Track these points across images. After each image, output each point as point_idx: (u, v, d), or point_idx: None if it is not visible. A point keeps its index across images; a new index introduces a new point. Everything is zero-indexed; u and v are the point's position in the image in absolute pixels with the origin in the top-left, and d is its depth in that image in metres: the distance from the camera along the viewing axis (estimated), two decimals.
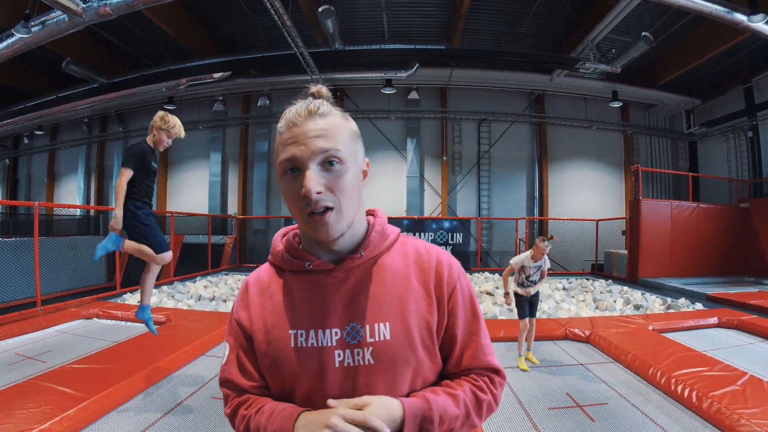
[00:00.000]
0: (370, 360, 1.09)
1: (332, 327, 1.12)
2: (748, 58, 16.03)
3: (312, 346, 1.11)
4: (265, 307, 1.19)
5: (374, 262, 1.19)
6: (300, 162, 1.05)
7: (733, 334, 7.45)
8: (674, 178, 20.37)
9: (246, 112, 20.27)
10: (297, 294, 1.17)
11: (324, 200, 1.04)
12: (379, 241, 1.21)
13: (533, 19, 14.94)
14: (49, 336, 6.93)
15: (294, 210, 1.09)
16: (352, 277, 1.16)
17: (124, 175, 4.08)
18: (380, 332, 1.11)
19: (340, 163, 1.07)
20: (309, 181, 1.02)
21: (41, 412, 3.61)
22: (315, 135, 1.05)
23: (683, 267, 13.51)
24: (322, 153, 1.04)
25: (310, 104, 1.11)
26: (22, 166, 25.30)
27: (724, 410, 3.92)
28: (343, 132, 1.11)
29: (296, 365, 1.10)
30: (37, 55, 15.12)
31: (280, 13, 11.32)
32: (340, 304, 1.13)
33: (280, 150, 1.09)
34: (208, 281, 12.46)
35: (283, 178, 1.09)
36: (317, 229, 1.07)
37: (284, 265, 1.23)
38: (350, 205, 1.10)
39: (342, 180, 1.07)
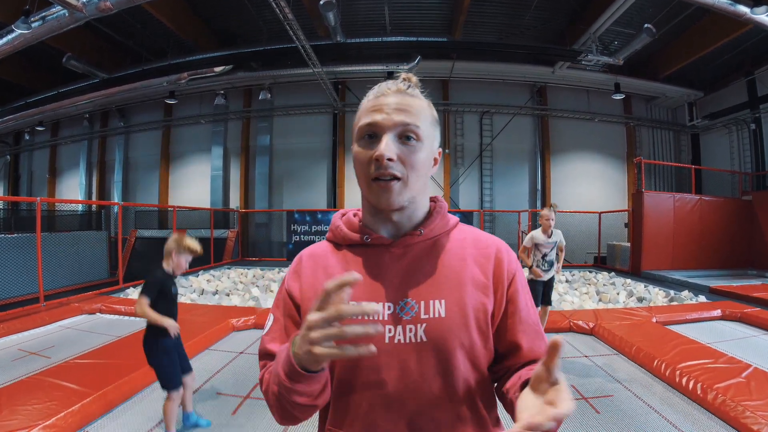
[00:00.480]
0: (422, 337, 1.07)
1: (386, 301, 1.10)
2: (750, 50, 15.95)
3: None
4: (317, 278, 1.18)
5: (433, 242, 1.19)
6: (379, 128, 1.07)
7: (737, 327, 7.45)
8: (677, 171, 20.30)
9: (248, 105, 20.23)
10: (353, 267, 1.16)
11: (393, 168, 1.05)
12: (439, 223, 1.21)
13: (535, 11, 14.88)
14: (53, 331, 6.96)
15: (361, 174, 1.11)
16: (410, 254, 1.16)
17: (139, 305, 3.76)
18: (435, 309, 1.09)
19: (417, 140, 1.09)
20: (384, 145, 1.04)
21: (46, 408, 3.62)
22: (398, 108, 1.08)
23: (686, 259, 13.49)
24: (402, 125, 1.07)
25: (399, 83, 1.15)
26: (23, 162, 25.31)
27: (729, 402, 3.93)
28: (426, 114, 1.14)
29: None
30: (38, 51, 15.08)
31: (282, 5, 11.27)
32: (396, 279, 1.13)
33: (362, 116, 1.12)
34: (210, 275, 12.50)
35: (359, 143, 1.12)
36: (380, 194, 1.08)
37: (342, 239, 1.23)
38: (416, 182, 1.11)
39: (415, 155, 1.08)
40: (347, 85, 19.22)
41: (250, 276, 12.59)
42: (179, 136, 21.00)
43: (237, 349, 6.04)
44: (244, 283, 11.53)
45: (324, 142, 19.52)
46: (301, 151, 19.62)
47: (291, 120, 19.78)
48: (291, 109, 19.55)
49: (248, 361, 5.53)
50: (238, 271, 13.38)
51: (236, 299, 9.31)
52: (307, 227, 16.48)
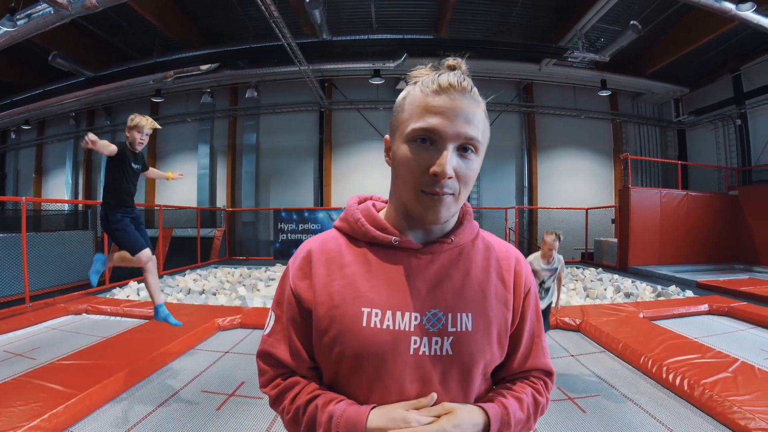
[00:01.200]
0: (448, 350, 1.03)
1: (412, 311, 1.04)
2: (736, 46, 16.08)
3: (387, 328, 1.02)
4: (332, 279, 1.09)
5: (460, 250, 1.14)
6: (441, 137, 0.97)
7: (724, 321, 7.49)
8: (663, 167, 20.44)
9: (234, 104, 20.16)
10: (375, 269, 1.09)
11: (450, 186, 0.98)
12: (468, 231, 1.16)
13: (522, 8, 14.90)
14: (38, 332, 6.87)
15: (408, 182, 1.01)
16: (438, 262, 1.10)
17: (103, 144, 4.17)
18: (462, 323, 1.05)
19: (475, 152, 1.01)
20: (447, 161, 0.95)
21: (30, 410, 3.57)
22: (465, 117, 0.98)
23: (673, 255, 13.59)
24: (465, 139, 0.98)
25: (463, 80, 1.02)
26: (9, 161, 25.11)
27: (716, 397, 3.92)
28: (486, 124, 1.05)
29: (364, 347, 1.01)
30: (24, 49, 14.93)
31: (267, 3, 11.23)
32: (424, 287, 1.07)
33: (418, 113, 1.00)
34: (197, 274, 12.43)
35: (409, 144, 1.00)
36: (428, 208, 0.99)
37: (362, 235, 1.14)
38: (466, 195, 1.04)
39: (471, 170, 1.01)
40: (334, 82, 19.18)
41: (236, 275, 12.52)
42: (165, 135, 20.83)
43: (223, 348, 6.00)
44: (231, 282, 11.46)
45: (311, 140, 19.46)
46: (287, 150, 19.57)
47: (278, 118, 19.74)
48: (278, 107, 19.50)
49: (234, 360, 5.47)
50: (224, 270, 13.31)
51: (223, 298, 9.26)
52: (294, 226, 16.41)
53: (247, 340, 6.43)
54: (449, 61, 1.08)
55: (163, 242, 13.74)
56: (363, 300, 1.05)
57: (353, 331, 1.02)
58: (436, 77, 1.01)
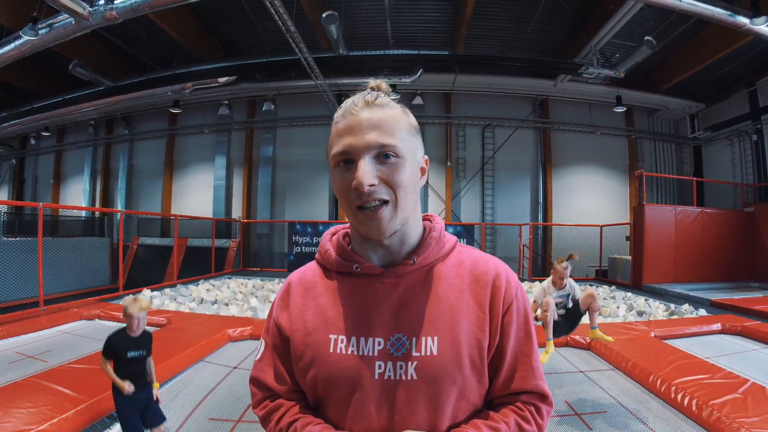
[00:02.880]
0: (413, 375, 1.02)
1: (376, 336, 1.05)
2: (751, 61, 15.97)
3: (352, 353, 1.04)
4: (307, 308, 1.13)
5: (428, 270, 1.13)
6: (353, 153, 1.00)
7: (737, 341, 7.42)
8: (679, 183, 20.27)
9: (251, 116, 20.32)
10: (342, 297, 1.11)
11: (378, 193, 0.99)
12: (434, 248, 1.14)
13: (536, 24, 14.94)
14: (51, 336, 7.00)
15: (344, 204, 1.05)
16: (402, 285, 1.10)
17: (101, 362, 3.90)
18: (427, 346, 1.03)
19: (396, 157, 1.02)
20: (361, 172, 0.97)
21: (40, 412, 3.66)
22: (371, 127, 1.01)
23: (688, 272, 13.45)
24: (377, 147, 1.00)
25: (367, 95, 1.07)
26: (28, 166, 25.46)
27: (724, 419, 3.89)
28: (402, 125, 1.06)
29: (332, 372, 1.04)
30: (45, 57, 15.15)
31: (284, 18, 11.33)
32: (387, 312, 1.07)
33: (335, 141, 1.06)
34: (210, 284, 12.50)
35: (336, 170, 1.05)
36: (368, 224, 1.02)
37: (331, 265, 1.17)
38: (406, 200, 1.04)
39: (398, 173, 1.01)
40: (350, 97, 19.22)
41: (249, 286, 12.59)
42: (183, 145, 21.08)
43: (232, 363, 6.00)
44: (244, 293, 11.53)
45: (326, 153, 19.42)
46: (303, 163, 19.64)
47: (294, 131, 19.84)
48: (294, 120, 19.62)
49: (242, 378, 5.48)
50: (238, 281, 13.37)
51: (234, 309, 9.31)
52: (308, 239, 16.45)
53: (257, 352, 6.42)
54: (370, 83, 1.14)
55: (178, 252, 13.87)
56: (331, 327, 1.09)
57: (322, 357, 1.06)
58: (344, 103, 1.09)
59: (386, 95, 1.11)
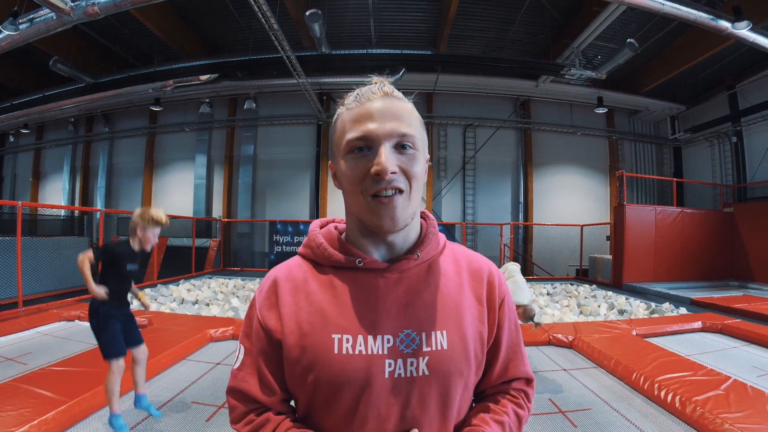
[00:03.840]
0: (425, 371, 1.00)
1: (384, 333, 1.02)
2: (732, 64, 16.24)
3: (360, 353, 0.99)
4: (300, 308, 1.05)
5: (428, 265, 1.11)
6: (373, 139, 0.97)
7: (717, 338, 7.49)
8: (659, 184, 20.53)
9: (232, 114, 20.17)
10: (342, 294, 1.06)
11: (396, 181, 0.97)
12: (433, 244, 1.14)
13: (520, 25, 15.03)
14: (30, 337, 6.87)
15: (356, 192, 1.00)
16: (406, 280, 1.07)
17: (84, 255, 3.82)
18: (437, 341, 1.02)
19: (413, 148, 1.01)
20: (385, 158, 0.95)
21: (20, 415, 3.59)
22: (392, 115, 0.99)
23: (668, 272, 13.58)
24: (399, 135, 0.99)
25: (384, 86, 1.05)
26: (7, 164, 25.02)
27: (708, 415, 3.91)
28: (416, 119, 1.06)
29: (338, 374, 0.98)
30: (25, 53, 15.02)
31: (267, 16, 11.25)
32: (394, 308, 1.04)
33: (349, 126, 1.01)
34: (191, 284, 12.40)
35: (348, 156, 1.00)
36: (382, 213, 0.98)
37: (325, 260, 1.11)
38: (418, 194, 1.03)
39: (415, 165, 1.01)
40: (332, 96, 19.18)
41: (230, 286, 12.50)
42: (164, 144, 20.87)
43: (214, 359, 5.96)
44: (225, 293, 11.43)
45: (308, 152, 19.48)
46: (284, 162, 19.58)
47: (275, 130, 19.75)
48: (276, 119, 19.52)
49: (224, 372, 5.45)
50: (218, 281, 13.27)
51: (216, 309, 9.23)
52: (289, 238, 16.36)
53: None
54: (374, 79, 1.10)
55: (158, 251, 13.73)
56: (332, 327, 1.02)
57: (325, 359, 0.99)
58: (358, 91, 1.05)
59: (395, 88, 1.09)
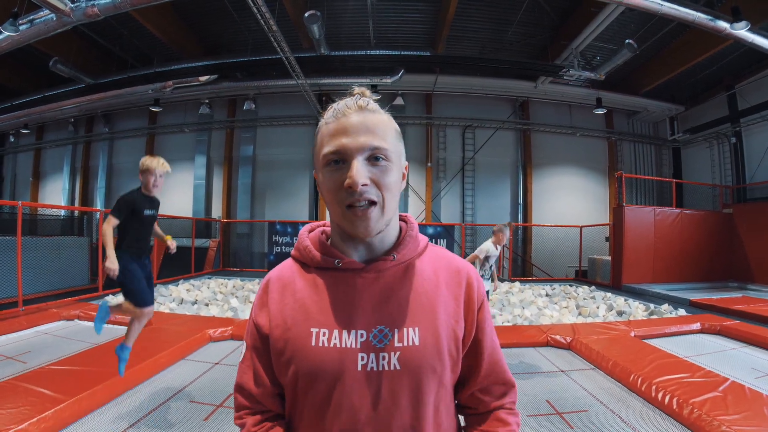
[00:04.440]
0: (396, 365, 1.05)
1: (358, 328, 1.07)
2: (731, 65, 16.24)
3: (334, 346, 1.06)
4: (285, 304, 1.14)
5: (405, 266, 1.16)
6: (347, 153, 1.03)
7: (716, 340, 7.46)
8: (658, 185, 20.53)
9: (232, 115, 20.17)
10: (322, 292, 1.13)
11: (368, 193, 1.02)
12: (411, 246, 1.18)
13: (518, 26, 15.03)
14: (30, 336, 6.87)
15: (333, 202, 1.07)
16: (383, 279, 1.13)
17: (108, 222, 4.20)
18: (409, 337, 1.07)
19: (386, 160, 1.05)
20: (356, 172, 1.00)
21: (19, 413, 3.60)
22: (365, 129, 1.04)
23: (667, 273, 13.57)
24: (370, 149, 1.03)
25: (359, 100, 1.10)
26: (7, 164, 25.02)
27: (705, 417, 3.90)
28: (391, 130, 1.10)
29: (314, 365, 1.05)
30: (25, 54, 15.03)
31: (266, 17, 11.25)
32: (369, 305, 1.10)
33: (326, 141, 1.07)
34: (190, 284, 12.40)
35: (325, 169, 1.07)
36: (356, 223, 1.04)
37: (310, 261, 1.19)
38: (392, 203, 1.08)
39: (387, 176, 1.05)
40: (331, 97, 19.09)
41: (229, 286, 12.50)
42: (163, 144, 20.85)
43: (213, 359, 5.97)
44: (224, 293, 11.43)
45: (307, 153, 19.46)
46: (284, 162, 19.58)
47: (275, 131, 19.75)
48: (275, 120, 19.54)
49: (224, 372, 5.45)
50: (218, 281, 13.27)
51: (215, 309, 9.23)
52: (288, 238, 16.35)
53: (237, 351, 6.37)
54: (354, 90, 1.17)
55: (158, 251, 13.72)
56: (312, 321, 1.10)
57: (303, 350, 1.07)
58: (335, 106, 1.11)
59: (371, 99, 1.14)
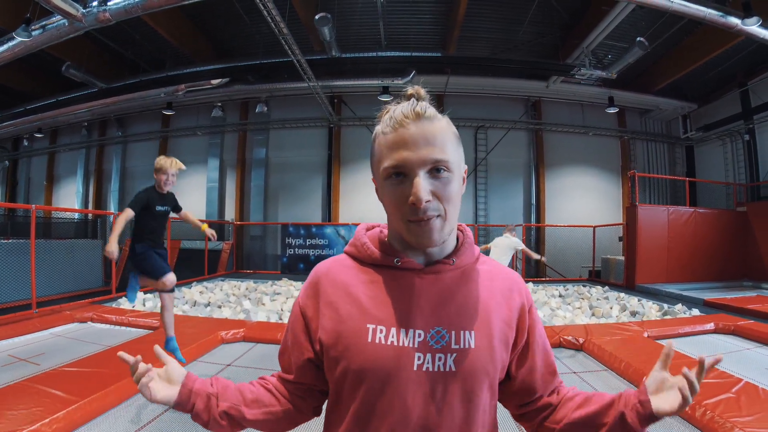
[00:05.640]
0: (452, 366, 1.06)
1: (416, 328, 1.08)
2: (743, 61, 16.05)
3: (392, 344, 1.06)
4: (339, 297, 1.15)
5: (462, 271, 1.17)
6: (408, 168, 1.02)
7: (730, 340, 7.41)
8: (671, 183, 20.36)
9: (244, 118, 20.26)
10: (380, 288, 1.14)
11: (431, 209, 1.02)
12: (469, 253, 1.20)
13: (529, 25, 14.98)
14: (44, 338, 6.93)
15: (396, 215, 1.07)
16: (441, 282, 1.13)
17: (124, 213, 4.77)
18: (465, 340, 1.08)
19: (448, 171, 1.04)
20: (420, 189, 1.00)
21: (31, 414, 3.64)
22: (425, 141, 1.02)
23: (681, 272, 13.47)
24: (432, 163, 1.02)
25: (416, 106, 1.07)
26: (21, 168, 25.30)
27: (718, 419, 3.88)
28: (451, 138, 1.09)
29: (369, 361, 1.05)
30: (38, 59, 15.17)
31: (277, 20, 11.31)
32: (427, 306, 1.10)
33: (386, 153, 1.06)
34: (203, 287, 12.45)
35: (386, 182, 1.07)
36: (420, 234, 1.04)
37: (368, 257, 1.19)
38: (454, 214, 1.08)
39: (449, 187, 1.05)
40: (343, 98, 19.25)
41: (242, 289, 12.53)
42: (176, 147, 20.95)
43: (225, 361, 6.00)
44: (236, 295, 11.47)
45: (319, 155, 19.54)
46: (296, 165, 19.65)
47: (287, 133, 19.81)
48: (287, 122, 19.61)
49: (235, 373, 5.49)
50: (231, 284, 13.32)
51: (227, 311, 9.26)
52: (301, 240, 16.36)
53: (249, 353, 6.44)
54: (408, 90, 1.15)
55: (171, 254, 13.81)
56: (368, 317, 1.10)
57: (358, 346, 1.07)
58: (392, 113, 1.08)
59: (427, 102, 1.11)
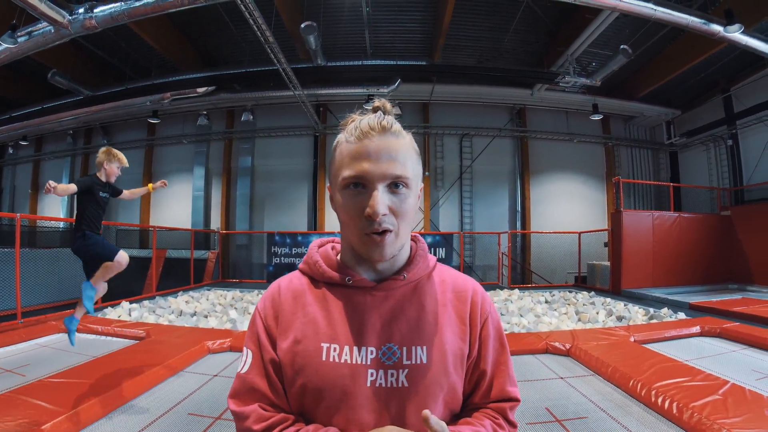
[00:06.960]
0: (404, 382, 1.07)
1: (368, 345, 1.09)
2: (725, 68, 16.31)
3: (345, 362, 1.07)
4: (296, 316, 1.15)
5: (414, 285, 1.19)
6: (368, 180, 1.03)
7: (716, 342, 7.44)
8: (656, 189, 20.54)
9: (230, 126, 20.19)
10: (333, 307, 1.15)
11: (386, 222, 1.03)
12: (422, 266, 1.21)
13: (513, 34, 15.09)
14: (29, 349, 6.85)
15: (350, 225, 1.07)
16: (392, 298, 1.15)
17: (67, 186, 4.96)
18: (417, 355, 1.09)
19: (406, 187, 1.06)
20: (377, 202, 1.01)
21: (17, 426, 3.58)
22: (388, 156, 1.04)
23: (666, 277, 13.54)
24: (392, 178, 1.03)
25: (382, 119, 1.09)
26: (6, 176, 25.00)
27: (705, 420, 3.88)
28: (412, 155, 1.11)
29: (324, 380, 1.06)
30: (24, 65, 15.14)
31: (263, 29, 11.31)
32: (378, 323, 1.12)
33: (346, 162, 1.06)
34: (189, 296, 12.35)
35: (344, 191, 1.07)
36: (372, 248, 1.05)
37: (320, 276, 1.20)
38: (407, 230, 1.10)
39: (405, 204, 1.06)
40: (328, 107, 19.28)
41: (228, 298, 12.45)
42: (162, 156, 20.92)
43: (211, 371, 5.93)
44: (223, 304, 11.38)
45: (305, 164, 19.52)
46: (282, 173, 19.61)
47: (273, 142, 19.77)
48: (273, 130, 19.57)
49: (222, 384, 5.42)
50: (217, 293, 13.20)
51: (214, 321, 9.19)
52: (287, 249, 16.30)
53: (236, 363, 6.31)
54: (375, 103, 1.17)
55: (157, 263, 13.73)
56: (322, 336, 1.11)
57: (313, 365, 1.08)
58: (357, 123, 1.10)
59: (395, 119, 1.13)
